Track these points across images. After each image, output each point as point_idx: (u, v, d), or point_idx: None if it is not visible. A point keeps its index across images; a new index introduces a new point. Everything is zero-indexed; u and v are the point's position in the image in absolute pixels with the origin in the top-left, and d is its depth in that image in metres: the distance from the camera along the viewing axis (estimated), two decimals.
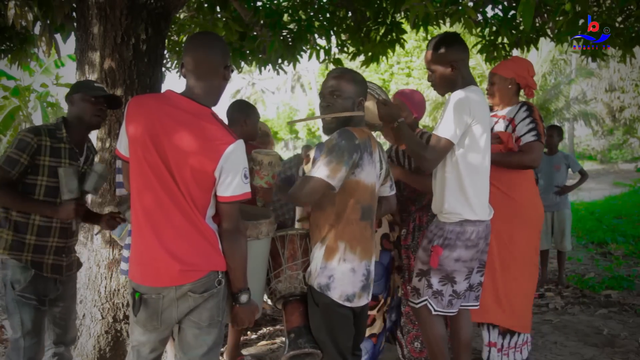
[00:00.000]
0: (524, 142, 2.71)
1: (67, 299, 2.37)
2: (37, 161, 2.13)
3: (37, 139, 2.12)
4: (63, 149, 2.20)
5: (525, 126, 2.73)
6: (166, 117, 1.68)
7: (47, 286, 2.22)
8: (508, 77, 2.82)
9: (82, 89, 2.26)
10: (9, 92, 11.96)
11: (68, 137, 2.22)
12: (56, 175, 2.16)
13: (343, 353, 2.04)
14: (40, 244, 2.18)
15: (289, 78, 36.77)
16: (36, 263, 2.17)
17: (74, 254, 2.39)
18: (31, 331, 2.16)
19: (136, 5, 2.89)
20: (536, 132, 2.71)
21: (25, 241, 2.15)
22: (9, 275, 2.14)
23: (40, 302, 2.19)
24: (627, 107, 21.38)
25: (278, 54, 3.84)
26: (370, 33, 4.32)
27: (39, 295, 2.19)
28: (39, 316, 2.19)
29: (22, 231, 2.15)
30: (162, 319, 1.72)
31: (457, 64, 2.28)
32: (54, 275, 2.23)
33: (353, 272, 2.01)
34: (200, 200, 1.69)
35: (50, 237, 2.20)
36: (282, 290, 2.19)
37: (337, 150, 1.94)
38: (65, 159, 2.20)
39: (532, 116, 2.75)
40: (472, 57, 15.26)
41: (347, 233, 2.01)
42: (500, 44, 4.21)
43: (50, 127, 2.21)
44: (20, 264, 2.14)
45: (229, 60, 1.79)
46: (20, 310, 2.14)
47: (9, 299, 2.15)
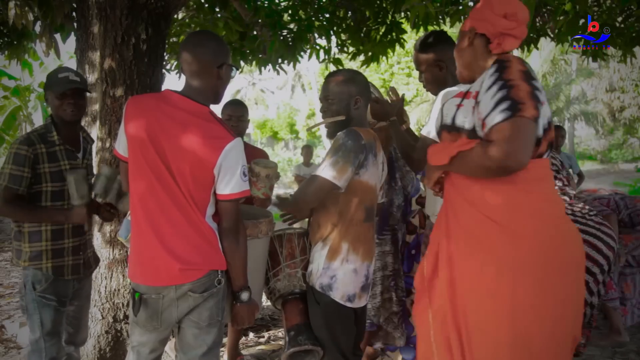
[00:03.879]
0: (489, 127, 1.49)
1: (82, 298, 2.37)
2: (37, 170, 2.11)
3: (32, 149, 2.09)
4: (59, 152, 2.18)
5: (491, 98, 1.50)
6: (165, 116, 1.68)
7: (67, 287, 2.23)
8: (465, 29, 1.73)
9: (48, 87, 2.20)
10: (10, 92, 11.97)
11: (60, 139, 2.19)
12: (59, 179, 2.15)
13: (344, 353, 2.04)
14: (57, 248, 2.17)
15: (289, 78, 36.77)
16: (57, 268, 2.17)
17: (90, 249, 2.39)
18: (51, 331, 2.16)
19: (136, 5, 2.89)
20: (509, 102, 1.46)
21: (42, 249, 2.15)
22: (29, 275, 2.14)
23: (60, 303, 2.19)
24: (628, 107, 21.36)
25: (278, 53, 3.84)
26: (371, 33, 4.32)
27: (60, 296, 2.19)
28: (58, 317, 2.19)
29: (37, 240, 2.15)
30: (162, 319, 1.72)
31: (444, 63, 2.23)
32: (74, 275, 2.24)
33: (355, 273, 2.01)
34: (199, 198, 1.69)
35: (64, 239, 2.20)
36: (281, 289, 2.19)
37: (344, 150, 1.93)
38: (63, 160, 2.19)
39: (503, 77, 1.52)
40: None
41: (350, 234, 2.01)
42: None
43: (40, 132, 2.17)
44: (42, 272, 2.14)
45: (227, 59, 1.78)
46: (40, 311, 2.14)
47: (29, 299, 2.14)
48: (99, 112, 2.92)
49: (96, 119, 2.93)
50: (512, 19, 1.61)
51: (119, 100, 2.88)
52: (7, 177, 2.06)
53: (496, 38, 1.64)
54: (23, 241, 2.15)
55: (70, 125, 2.24)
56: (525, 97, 1.46)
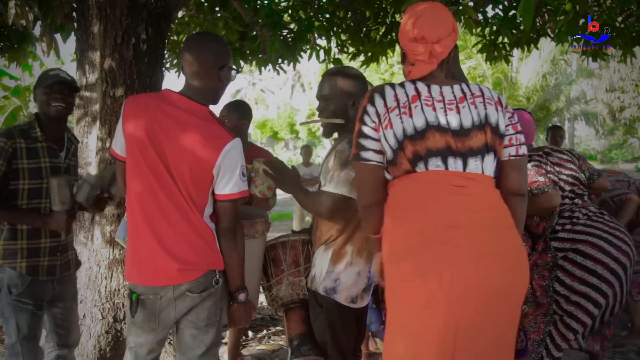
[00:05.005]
0: None
1: (67, 299, 2.32)
2: (14, 165, 2.05)
3: (11, 143, 2.05)
4: (40, 149, 2.13)
5: None
6: (164, 115, 1.68)
7: (44, 289, 2.18)
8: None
9: (37, 84, 2.18)
10: (10, 92, 11.97)
11: (43, 135, 2.15)
12: (38, 176, 2.11)
13: (345, 354, 2.04)
14: (33, 247, 2.12)
15: (289, 78, 36.78)
16: (31, 268, 2.12)
17: (71, 252, 2.33)
18: (27, 336, 2.12)
19: (136, 5, 2.89)
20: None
21: (18, 247, 2.10)
22: (5, 279, 2.10)
23: (36, 306, 2.14)
24: (628, 107, 21.37)
25: (278, 53, 3.84)
26: (370, 33, 4.33)
27: (36, 299, 2.14)
28: (35, 321, 2.15)
29: (12, 238, 2.10)
30: (159, 320, 1.72)
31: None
32: (50, 277, 2.18)
33: (359, 276, 2.00)
34: (198, 198, 1.69)
35: (41, 239, 2.15)
36: (284, 297, 2.18)
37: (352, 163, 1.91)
38: (44, 158, 2.14)
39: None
40: (473, 57, 15.29)
41: (356, 238, 1.99)
42: (500, 43, 4.21)
43: (23, 128, 2.13)
44: (17, 272, 2.10)
45: (228, 61, 1.78)
46: (17, 315, 2.10)
47: (4, 303, 2.10)
48: (99, 112, 2.92)
49: (96, 119, 2.93)
50: (421, 42, 1.54)
51: (119, 100, 2.88)
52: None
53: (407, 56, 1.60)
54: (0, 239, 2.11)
55: (55, 123, 2.20)
56: (353, 138, 1.59)
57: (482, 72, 16.33)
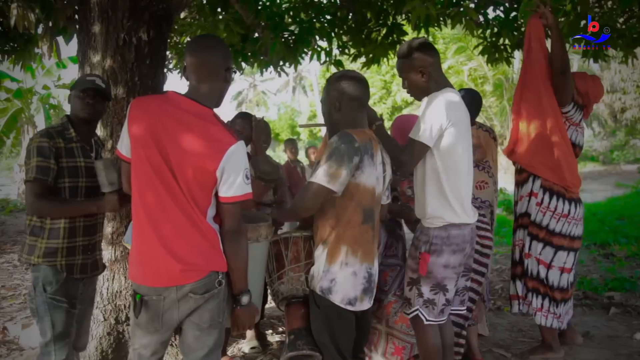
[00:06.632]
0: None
1: (85, 301, 2.36)
2: (60, 164, 2.13)
3: (53, 142, 2.12)
4: (75, 148, 2.20)
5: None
6: (168, 117, 1.69)
7: (76, 288, 2.23)
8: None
9: (73, 87, 2.26)
10: (12, 94, 12.00)
11: (77, 136, 2.22)
12: (75, 174, 2.16)
13: (344, 355, 2.04)
14: (71, 246, 2.17)
15: (290, 80, 36.78)
16: (69, 266, 2.17)
17: (98, 251, 2.38)
18: (62, 333, 2.15)
19: (138, 7, 2.90)
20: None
21: (59, 246, 2.14)
22: (40, 277, 2.13)
23: (70, 304, 2.18)
24: (629, 108, 21.34)
25: (279, 55, 3.84)
26: (372, 34, 4.33)
27: (70, 297, 2.18)
28: (69, 319, 2.18)
29: (55, 237, 2.14)
30: (163, 321, 1.72)
31: (426, 69, 2.26)
32: (82, 275, 2.23)
33: (354, 276, 2.01)
34: (201, 200, 1.69)
35: (77, 237, 2.19)
36: (285, 292, 2.20)
37: (337, 155, 1.94)
38: (79, 157, 2.20)
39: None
40: (474, 58, 15.28)
41: (348, 236, 2.01)
42: (501, 45, 4.21)
43: (58, 129, 2.20)
44: (54, 269, 2.14)
45: (231, 63, 1.80)
46: (52, 313, 2.12)
47: (39, 301, 2.13)
48: None
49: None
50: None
51: (121, 102, 2.89)
52: (34, 170, 2.06)
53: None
54: (41, 237, 2.13)
55: (86, 125, 2.27)
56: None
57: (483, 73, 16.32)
